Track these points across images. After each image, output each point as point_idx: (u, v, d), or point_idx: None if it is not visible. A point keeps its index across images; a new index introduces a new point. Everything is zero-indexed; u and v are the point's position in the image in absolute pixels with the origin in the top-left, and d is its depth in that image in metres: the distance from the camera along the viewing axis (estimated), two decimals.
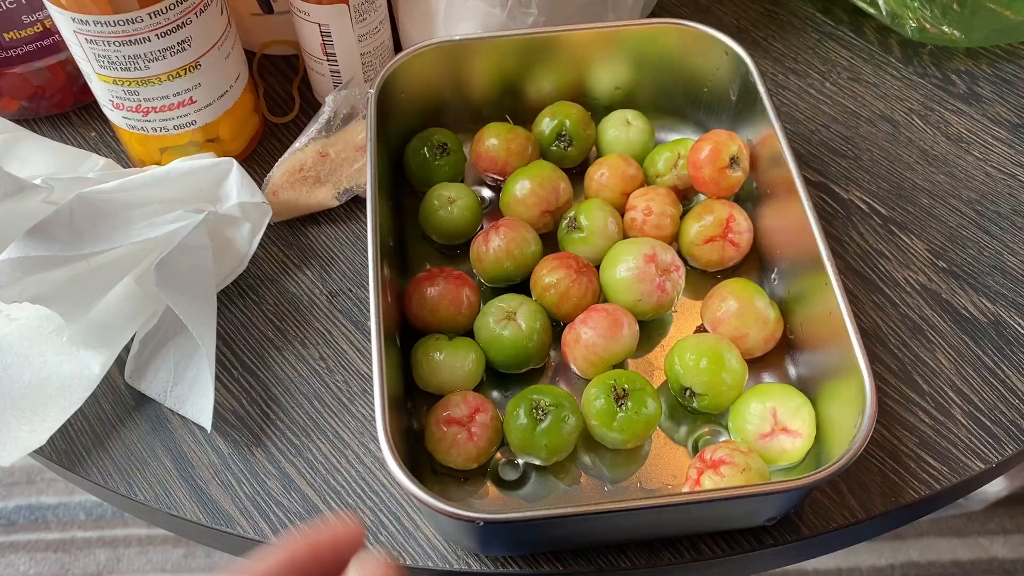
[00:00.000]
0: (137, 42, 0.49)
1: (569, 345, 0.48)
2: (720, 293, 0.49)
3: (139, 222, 0.49)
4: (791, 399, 0.45)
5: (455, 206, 0.52)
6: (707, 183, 0.52)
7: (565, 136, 0.55)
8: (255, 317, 0.53)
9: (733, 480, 0.42)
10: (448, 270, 0.49)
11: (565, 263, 0.49)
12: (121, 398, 0.50)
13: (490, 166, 0.55)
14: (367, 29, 0.56)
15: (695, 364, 0.46)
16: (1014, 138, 0.59)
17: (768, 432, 0.45)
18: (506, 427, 0.45)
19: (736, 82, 0.54)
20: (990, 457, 0.47)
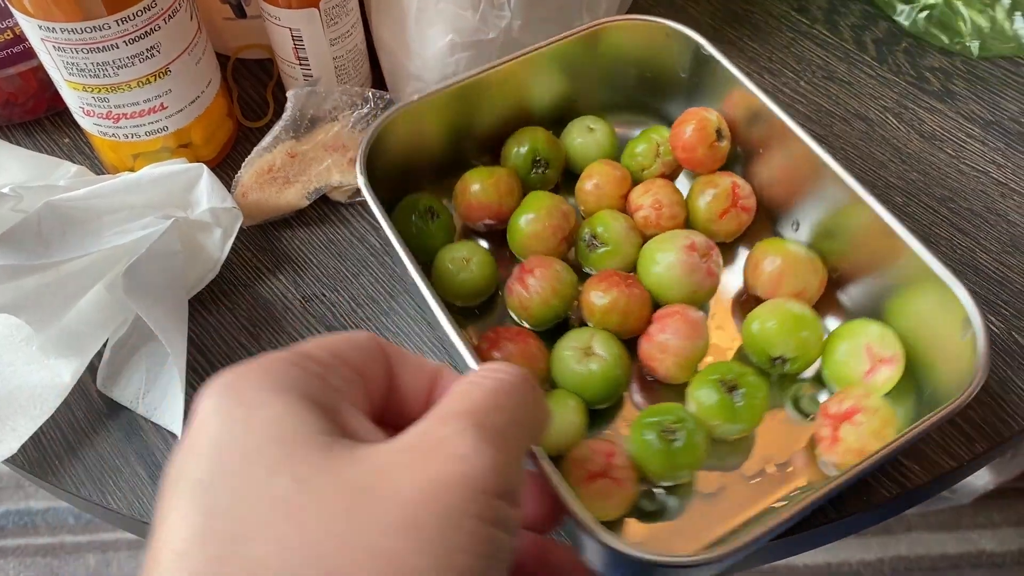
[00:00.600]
0: (105, 49, 0.49)
1: (654, 356, 0.47)
2: (760, 257, 0.50)
3: (109, 229, 0.49)
4: (872, 329, 0.46)
5: (473, 264, 0.50)
6: (701, 161, 0.53)
7: (540, 160, 0.54)
8: (228, 323, 0.52)
9: (871, 424, 0.43)
10: (500, 329, 0.47)
11: (612, 281, 0.48)
12: (94, 406, 0.50)
13: (484, 213, 0.52)
14: (339, 33, 0.56)
15: (779, 332, 0.47)
16: (987, 135, 0.59)
17: (870, 368, 0.46)
18: (639, 460, 0.43)
19: (686, 58, 0.54)
20: (961, 455, 0.47)
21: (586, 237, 0.51)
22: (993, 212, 0.56)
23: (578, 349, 0.46)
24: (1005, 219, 0.55)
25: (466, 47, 0.55)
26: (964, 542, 1.28)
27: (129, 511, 0.46)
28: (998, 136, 0.59)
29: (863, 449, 0.42)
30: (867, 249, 0.48)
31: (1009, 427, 0.48)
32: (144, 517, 0.46)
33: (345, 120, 0.56)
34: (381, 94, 0.57)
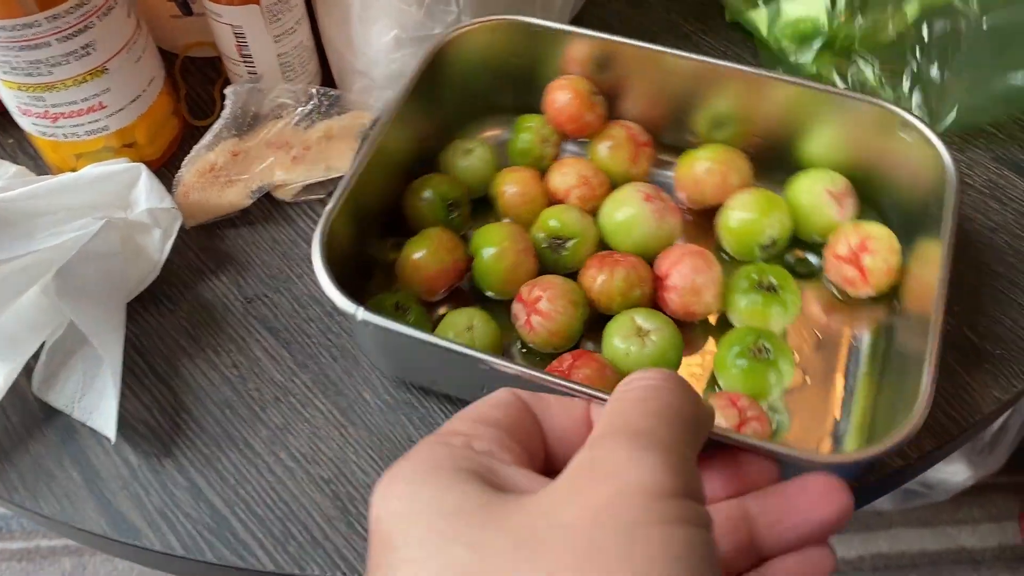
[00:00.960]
0: (37, 47, 0.48)
1: (691, 301, 0.48)
2: (690, 171, 0.53)
3: (44, 231, 0.48)
4: (815, 177, 0.52)
5: (476, 329, 0.47)
6: (590, 123, 0.54)
7: (453, 202, 0.52)
8: (168, 324, 0.52)
9: (883, 245, 0.48)
10: (567, 357, 0.46)
11: (606, 263, 0.48)
12: (29, 409, 0.49)
13: (444, 279, 0.50)
14: (283, 29, 0.55)
15: (759, 218, 0.50)
16: None
17: (839, 207, 0.51)
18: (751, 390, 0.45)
19: (520, 42, 0.54)
20: (908, 453, 0.46)
21: (547, 242, 0.50)
22: None
23: (628, 336, 0.46)
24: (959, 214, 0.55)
25: (412, 43, 0.55)
26: (944, 538, 1.28)
27: (62, 517, 0.46)
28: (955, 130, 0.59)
29: (891, 268, 0.48)
30: (774, 116, 0.52)
31: (957, 424, 0.47)
32: (78, 523, 0.45)
33: (289, 117, 0.55)
34: (326, 91, 0.56)
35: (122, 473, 0.47)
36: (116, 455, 0.47)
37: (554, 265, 0.51)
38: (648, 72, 0.53)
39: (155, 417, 0.48)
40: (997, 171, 0.57)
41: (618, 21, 0.66)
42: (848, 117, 0.51)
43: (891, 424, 0.41)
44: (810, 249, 0.53)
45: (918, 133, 0.48)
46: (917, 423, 0.39)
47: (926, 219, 0.48)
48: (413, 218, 0.52)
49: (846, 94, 0.50)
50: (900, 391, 0.43)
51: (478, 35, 0.53)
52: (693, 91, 0.53)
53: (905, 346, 0.47)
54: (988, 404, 0.48)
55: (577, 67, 0.54)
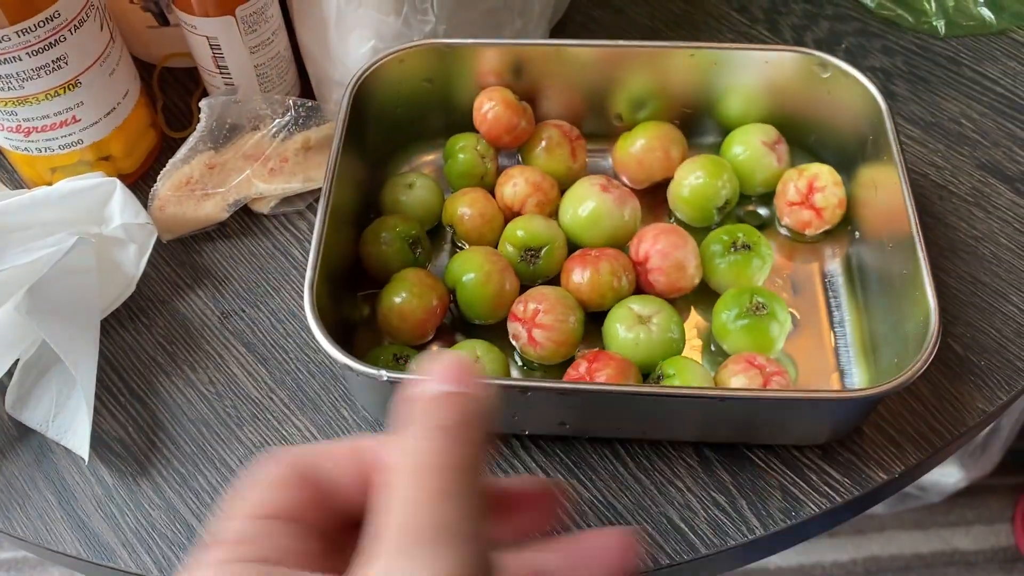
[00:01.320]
0: (7, 61, 0.47)
1: (677, 277, 0.49)
2: (629, 151, 0.54)
3: (16, 247, 0.47)
4: (749, 130, 0.54)
5: (483, 363, 0.46)
6: (525, 130, 0.54)
7: (414, 240, 0.51)
8: (144, 341, 0.51)
9: (828, 181, 0.51)
10: (581, 362, 0.45)
11: (587, 262, 0.48)
12: (3, 429, 0.48)
13: (431, 322, 0.48)
14: (259, 40, 0.54)
15: (711, 181, 0.51)
16: (927, 136, 0.58)
17: (776, 156, 0.53)
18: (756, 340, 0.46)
19: (433, 66, 0.53)
20: (893, 467, 0.46)
21: (520, 255, 0.50)
22: (931, 215, 0.55)
23: (631, 326, 0.47)
24: (943, 222, 0.54)
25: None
26: (937, 541, 1.27)
27: (36, 539, 0.45)
28: (939, 137, 0.58)
29: (841, 201, 0.51)
30: (692, 84, 0.54)
31: (942, 437, 0.47)
32: (51, 545, 0.45)
33: (266, 129, 0.55)
34: (304, 102, 0.55)
35: (97, 493, 0.46)
36: (91, 474, 0.47)
37: (531, 277, 0.50)
38: (560, 68, 0.53)
39: (130, 435, 0.48)
40: (981, 179, 0.56)
41: (600, 28, 0.65)
42: (764, 68, 0.53)
43: (898, 341, 0.45)
44: (758, 202, 0.55)
45: (837, 69, 0.51)
46: (935, 338, 0.41)
47: (864, 148, 0.51)
48: (377, 266, 0.50)
49: (757, 48, 0.53)
50: (895, 310, 0.46)
51: (389, 69, 0.52)
52: (607, 77, 0.54)
53: (881, 267, 0.49)
54: (974, 416, 0.47)
55: (494, 79, 0.54)
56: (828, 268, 0.52)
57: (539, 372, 0.49)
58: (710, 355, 0.49)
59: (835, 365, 0.49)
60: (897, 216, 0.46)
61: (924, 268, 0.43)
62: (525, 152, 0.55)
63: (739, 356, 0.46)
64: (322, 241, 0.44)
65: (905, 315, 0.45)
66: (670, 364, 0.46)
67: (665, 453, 0.46)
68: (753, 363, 0.45)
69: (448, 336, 0.50)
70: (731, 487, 0.45)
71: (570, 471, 0.46)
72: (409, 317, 0.47)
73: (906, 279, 0.45)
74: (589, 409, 0.44)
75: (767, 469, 0.46)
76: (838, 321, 0.50)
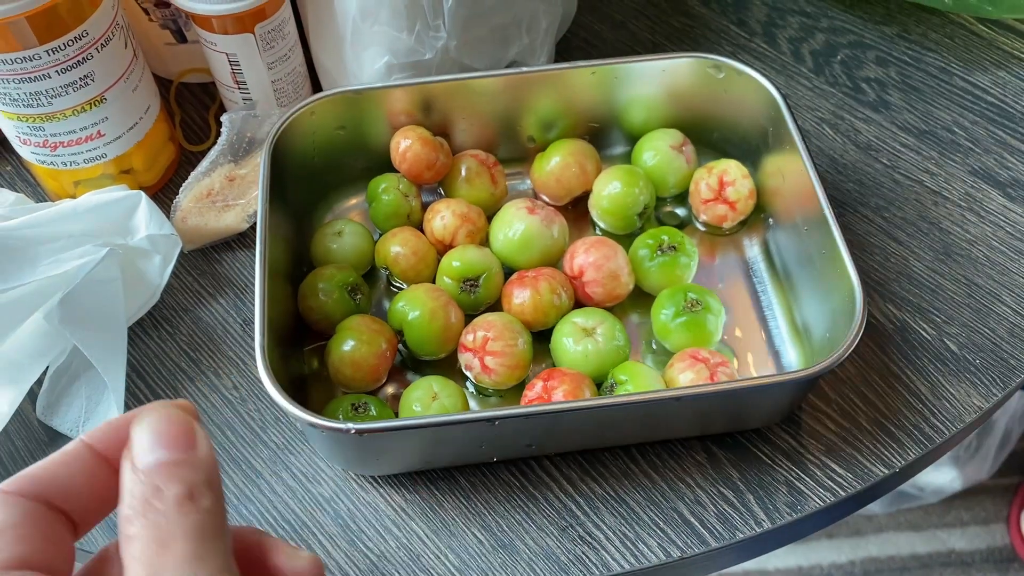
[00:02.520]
0: (37, 79, 0.49)
1: (614, 286, 0.51)
2: (547, 170, 0.56)
3: (46, 258, 0.49)
4: (654, 136, 0.56)
5: (444, 400, 0.47)
6: (444, 163, 0.55)
7: (352, 287, 0.51)
8: (169, 348, 0.53)
9: (736, 174, 0.54)
10: (535, 381, 0.47)
11: (525, 283, 0.50)
12: (34, 435, 0.50)
13: (382, 368, 0.49)
14: (276, 56, 0.56)
15: (627, 191, 0.54)
16: (921, 144, 0.60)
17: (685, 156, 0.56)
18: (696, 335, 0.49)
19: (342, 112, 0.54)
20: (894, 462, 0.48)
21: (460, 286, 0.51)
22: (926, 220, 0.57)
23: (579, 339, 0.48)
24: (938, 227, 0.56)
25: (403, 68, 0.56)
26: (934, 541, 1.29)
27: None
28: (932, 145, 0.60)
29: (751, 191, 0.54)
30: (595, 100, 0.56)
31: (940, 433, 0.49)
32: (85, 546, 0.46)
33: None
34: None
35: None
36: None
37: (473, 306, 0.52)
38: (468, 100, 0.55)
39: None
40: (974, 185, 0.58)
41: (602, 42, 0.67)
42: (663, 76, 0.55)
43: (827, 317, 0.47)
44: (673, 202, 0.58)
45: (730, 69, 0.54)
46: (863, 310, 0.44)
47: (765, 139, 0.54)
48: (320, 319, 0.50)
49: (653, 58, 0.55)
50: (819, 288, 0.49)
51: (302, 122, 0.52)
52: (515, 102, 0.55)
53: (799, 249, 0.51)
54: (970, 412, 0.49)
55: (405, 118, 0.55)
56: (749, 256, 0.55)
57: (494, 398, 0.50)
58: (654, 355, 0.52)
59: (771, 348, 0.51)
60: (808, 199, 0.49)
61: (841, 245, 0.46)
62: (446, 184, 0.56)
63: (683, 353, 0.48)
64: (265, 301, 0.44)
65: (830, 292, 0.47)
66: (620, 371, 0.47)
67: (675, 451, 0.48)
68: (697, 358, 0.47)
69: (400, 375, 0.51)
70: (739, 482, 0.47)
71: (583, 468, 0.48)
72: (362, 364, 0.48)
73: (825, 257, 0.48)
74: (554, 427, 0.45)
75: (773, 465, 0.48)
76: (766, 305, 0.53)
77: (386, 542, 0.46)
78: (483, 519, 0.46)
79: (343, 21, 0.55)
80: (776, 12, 0.69)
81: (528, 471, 0.48)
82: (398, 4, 0.53)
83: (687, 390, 0.44)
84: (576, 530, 0.46)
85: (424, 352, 0.50)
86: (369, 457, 0.46)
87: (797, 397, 0.47)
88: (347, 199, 0.57)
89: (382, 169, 0.56)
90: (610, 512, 0.46)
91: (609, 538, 0.45)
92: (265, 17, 0.54)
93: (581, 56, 0.66)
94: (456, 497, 0.47)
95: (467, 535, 0.46)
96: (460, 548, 0.45)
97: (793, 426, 0.49)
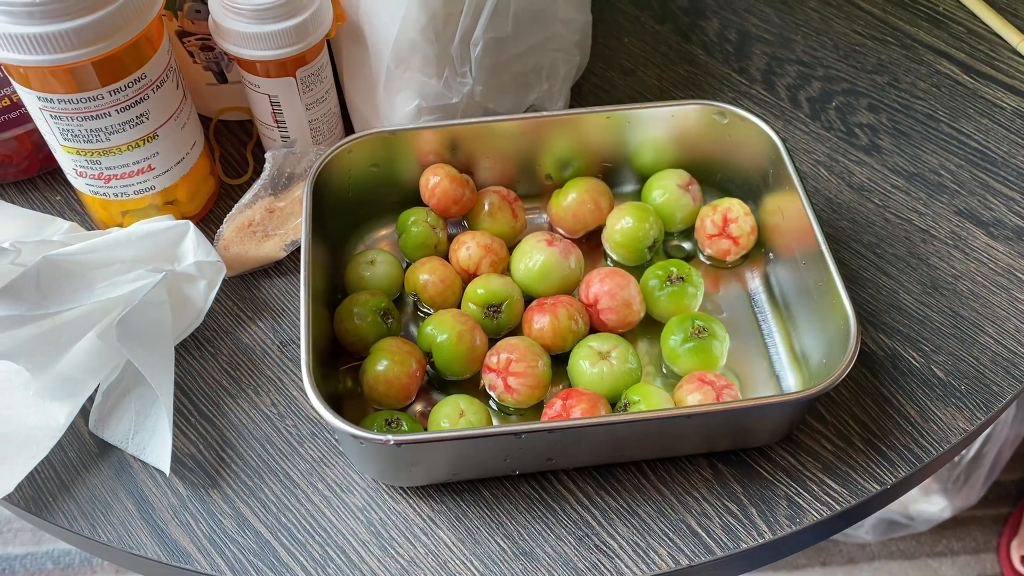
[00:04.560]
0: (98, 117, 0.53)
1: (627, 314, 0.55)
2: (564, 205, 0.60)
3: (101, 282, 0.53)
4: (662, 176, 0.61)
5: (470, 416, 0.51)
6: (471, 198, 0.59)
7: (385, 312, 0.55)
8: (211, 367, 0.56)
9: (740, 211, 0.58)
10: (555, 400, 0.51)
11: (546, 310, 0.54)
12: (85, 446, 0.53)
13: (413, 386, 0.53)
14: (314, 98, 0.60)
15: (639, 225, 0.58)
16: (910, 186, 0.65)
17: (692, 195, 0.60)
18: (702, 359, 0.53)
19: (377, 150, 0.58)
20: (886, 479, 0.52)
21: (484, 312, 0.55)
22: (915, 256, 0.61)
23: (595, 362, 0.52)
24: (926, 263, 0.61)
25: (432, 111, 0.60)
26: (926, 570, 1.32)
27: (119, 544, 0.50)
28: (920, 186, 0.65)
29: (753, 228, 0.58)
30: (608, 142, 0.60)
31: (928, 453, 0.52)
32: (133, 549, 0.50)
33: None
34: None
35: (172, 503, 0.51)
36: (167, 487, 0.52)
37: (496, 330, 0.56)
38: (492, 141, 0.59)
39: (201, 452, 0.53)
40: (959, 224, 0.63)
41: (614, 88, 0.72)
42: (671, 121, 0.60)
43: (823, 344, 0.52)
44: (680, 237, 0.62)
45: (734, 115, 0.58)
46: (856, 336, 0.48)
47: (766, 179, 0.58)
48: (355, 340, 0.54)
49: (662, 104, 0.59)
50: (816, 317, 0.53)
51: (340, 160, 0.57)
52: (534, 144, 0.60)
53: (798, 282, 0.56)
54: (955, 434, 0.53)
55: (433, 156, 0.59)
56: (751, 287, 0.59)
57: (515, 415, 0.54)
58: (663, 377, 0.56)
59: (771, 372, 0.55)
60: (805, 236, 0.53)
61: (837, 279, 0.50)
62: (471, 218, 0.60)
63: (691, 376, 0.52)
64: (310, 325, 0.49)
65: (827, 321, 0.51)
66: (633, 391, 0.51)
67: (683, 467, 0.52)
68: (704, 380, 0.51)
69: (427, 394, 0.55)
70: (742, 496, 0.51)
71: (598, 483, 0.51)
72: (394, 383, 0.52)
73: (822, 290, 0.52)
74: (573, 442, 0.49)
75: (774, 481, 0.51)
76: (767, 333, 0.57)
77: (415, 549, 0.49)
78: (505, 528, 0.50)
79: (377, 67, 0.59)
80: (775, 61, 0.74)
81: (547, 484, 0.51)
82: (429, 53, 0.58)
83: (696, 408, 0.48)
84: (592, 539, 0.49)
85: (451, 372, 0.54)
86: (401, 468, 0.50)
87: (796, 417, 0.51)
88: (379, 230, 0.62)
89: (411, 203, 0.60)
90: (623, 523, 0.50)
91: (623, 547, 0.49)
92: (306, 63, 0.58)
93: (594, 99, 0.71)
94: (480, 508, 0.50)
95: (491, 543, 0.49)
96: (484, 555, 0.49)
97: (792, 445, 0.53)
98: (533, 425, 0.46)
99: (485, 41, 0.58)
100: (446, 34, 0.58)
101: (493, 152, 0.60)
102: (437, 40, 0.57)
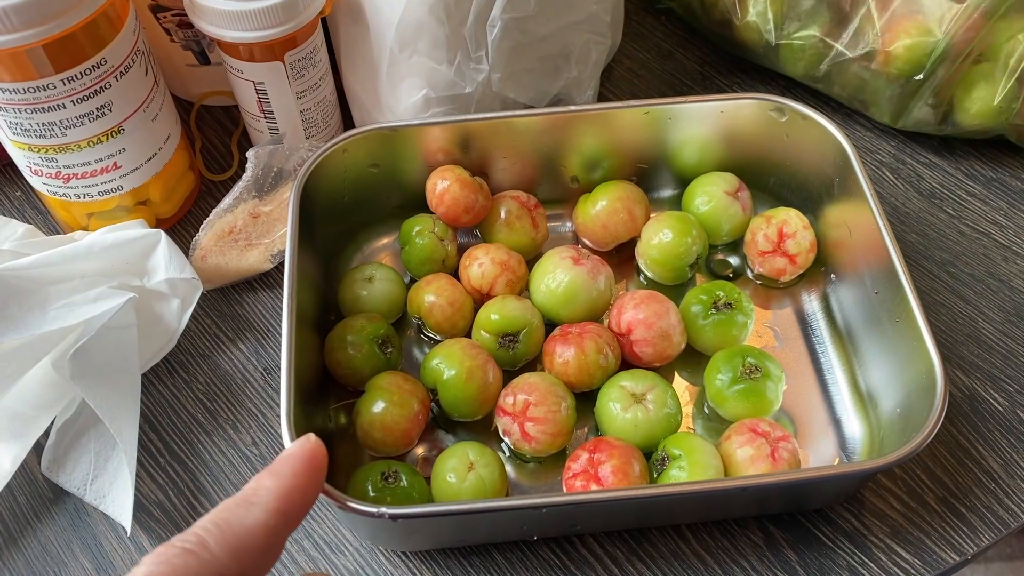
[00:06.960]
0: (51, 109, 0.45)
1: (665, 345, 0.47)
2: (591, 214, 0.52)
3: (57, 302, 0.46)
4: (708, 180, 0.52)
5: (480, 472, 0.43)
6: (484, 205, 0.51)
7: (384, 341, 0.47)
8: (184, 398, 0.49)
9: (797, 224, 0.50)
10: (580, 452, 0.43)
11: (570, 341, 0.46)
12: (38, 491, 0.47)
13: (415, 430, 0.45)
14: (306, 85, 0.52)
15: (679, 239, 0.50)
16: (988, 193, 0.57)
17: (741, 203, 0.52)
18: (754, 404, 0.45)
19: (375, 146, 0.50)
20: (965, 548, 0.44)
21: (498, 341, 0.47)
22: (995, 277, 0.53)
23: (627, 406, 0.45)
24: (1008, 285, 0.53)
25: (442, 102, 0.53)
26: None
27: None
28: (1000, 194, 0.57)
29: (812, 244, 0.51)
30: (645, 141, 0.52)
31: (1015, 516, 0.45)
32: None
33: None
34: None
35: (136, 560, 0.44)
36: (130, 541, 0.45)
37: (511, 362, 0.48)
38: (509, 138, 0.51)
39: (171, 499, 0.46)
40: None
41: (648, 72, 0.64)
42: (720, 118, 0.51)
43: (898, 390, 0.44)
44: (725, 250, 0.54)
45: (794, 112, 0.50)
46: (943, 395, 0.40)
47: (830, 188, 0.50)
48: (348, 374, 0.46)
49: (712, 98, 0.51)
50: (890, 357, 0.45)
51: (333, 160, 0.49)
52: (559, 142, 0.52)
53: (868, 313, 0.48)
54: None
55: (442, 156, 0.51)
56: (807, 311, 0.52)
57: (532, 464, 0.46)
58: (706, 419, 0.48)
59: (831, 415, 0.48)
60: (877, 257, 0.46)
61: (918, 314, 0.42)
62: (484, 228, 0.52)
63: (741, 425, 0.44)
64: (292, 358, 0.41)
65: (903, 363, 0.44)
66: (673, 444, 0.43)
67: (728, 530, 0.45)
68: (757, 431, 0.43)
69: (431, 435, 0.47)
70: (797, 566, 0.44)
71: (630, 547, 0.44)
72: (393, 429, 0.44)
73: (897, 325, 0.44)
74: (603, 510, 0.42)
75: (834, 548, 0.44)
76: (827, 368, 0.49)
77: None
78: None
79: (379, 50, 0.51)
80: None
81: (571, 549, 0.44)
82: (439, 34, 0.50)
83: (751, 480, 0.40)
84: None
85: (459, 413, 0.46)
86: (398, 537, 0.42)
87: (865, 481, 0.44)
88: (378, 239, 0.54)
89: (415, 207, 0.52)
90: None
91: None
92: (296, 45, 0.50)
93: (626, 87, 0.63)
94: (492, 575, 0.43)
95: None
96: None
97: (855, 504, 0.45)
98: (556, 499, 0.38)
99: (504, 21, 0.50)
100: (458, 13, 0.49)
101: (511, 151, 0.52)
102: (448, 20, 0.49)
